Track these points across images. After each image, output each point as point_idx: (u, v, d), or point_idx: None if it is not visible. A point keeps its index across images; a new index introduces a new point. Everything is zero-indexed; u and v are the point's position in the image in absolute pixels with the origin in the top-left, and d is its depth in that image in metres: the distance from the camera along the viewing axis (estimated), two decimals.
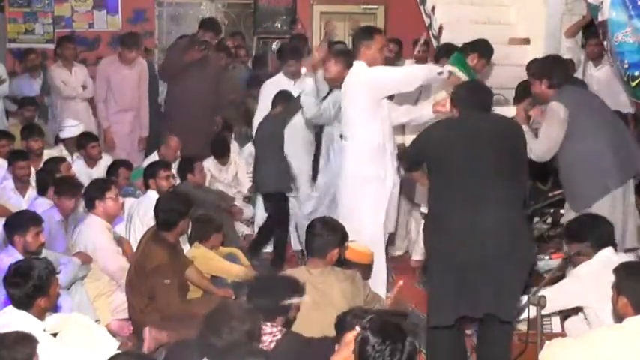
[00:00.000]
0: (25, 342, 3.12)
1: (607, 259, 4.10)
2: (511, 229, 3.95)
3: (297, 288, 3.67)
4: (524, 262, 4.08)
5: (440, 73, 5.11)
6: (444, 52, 5.93)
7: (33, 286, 3.68)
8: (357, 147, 5.03)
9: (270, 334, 3.50)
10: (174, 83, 7.52)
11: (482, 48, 5.79)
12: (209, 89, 7.45)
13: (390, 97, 5.25)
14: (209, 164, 7.21)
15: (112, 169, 6.40)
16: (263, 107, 6.45)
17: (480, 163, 4.00)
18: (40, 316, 3.74)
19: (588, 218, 4.50)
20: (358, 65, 5.07)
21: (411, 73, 5.19)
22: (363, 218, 4.99)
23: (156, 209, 4.85)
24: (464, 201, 3.95)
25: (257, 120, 6.50)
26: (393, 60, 8.02)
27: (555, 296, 4.10)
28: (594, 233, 4.29)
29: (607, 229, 4.37)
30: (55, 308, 4.05)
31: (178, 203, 4.86)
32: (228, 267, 5.32)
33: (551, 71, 5.04)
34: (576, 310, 4.33)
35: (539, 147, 4.86)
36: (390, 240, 5.72)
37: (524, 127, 4.77)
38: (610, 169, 4.83)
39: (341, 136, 5.25)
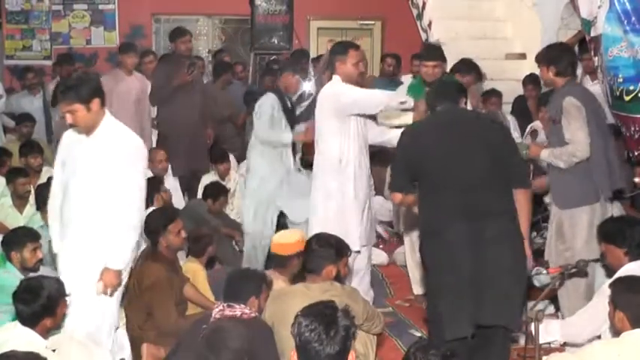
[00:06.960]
0: None
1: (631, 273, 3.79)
2: (509, 241, 3.88)
3: None
4: (522, 273, 3.97)
5: (402, 103, 5.08)
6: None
7: (41, 306, 3.66)
8: (321, 159, 5.16)
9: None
10: (164, 106, 7.45)
11: (475, 68, 5.84)
12: (198, 109, 7.41)
13: (372, 117, 5.31)
14: (209, 179, 7.18)
15: None
16: None
17: (471, 168, 3.90)
18: (44, 334, 3.71)
19: (629, 221, 4.29)
20: (334, 80, 5.14)
21: (372, 97, 5.14)
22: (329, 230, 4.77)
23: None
24: (461, 212, 3.85)
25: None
26: (391, 74, 8.09)
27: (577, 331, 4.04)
28: (635, 239, 4.06)
29: None
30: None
31: (159, 213, 4.89)
32: (208, 293, 5.20)
33: (559, 58, 4.91)
34: None
35: (581, 146, 4.68)
36: None
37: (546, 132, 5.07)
38: (603, 180, 4.79)
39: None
